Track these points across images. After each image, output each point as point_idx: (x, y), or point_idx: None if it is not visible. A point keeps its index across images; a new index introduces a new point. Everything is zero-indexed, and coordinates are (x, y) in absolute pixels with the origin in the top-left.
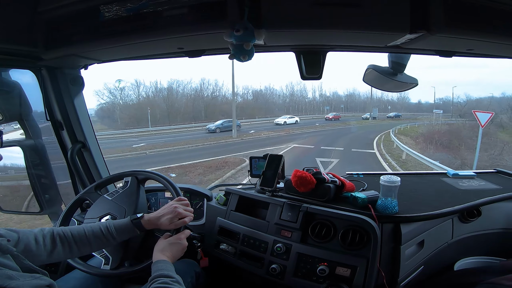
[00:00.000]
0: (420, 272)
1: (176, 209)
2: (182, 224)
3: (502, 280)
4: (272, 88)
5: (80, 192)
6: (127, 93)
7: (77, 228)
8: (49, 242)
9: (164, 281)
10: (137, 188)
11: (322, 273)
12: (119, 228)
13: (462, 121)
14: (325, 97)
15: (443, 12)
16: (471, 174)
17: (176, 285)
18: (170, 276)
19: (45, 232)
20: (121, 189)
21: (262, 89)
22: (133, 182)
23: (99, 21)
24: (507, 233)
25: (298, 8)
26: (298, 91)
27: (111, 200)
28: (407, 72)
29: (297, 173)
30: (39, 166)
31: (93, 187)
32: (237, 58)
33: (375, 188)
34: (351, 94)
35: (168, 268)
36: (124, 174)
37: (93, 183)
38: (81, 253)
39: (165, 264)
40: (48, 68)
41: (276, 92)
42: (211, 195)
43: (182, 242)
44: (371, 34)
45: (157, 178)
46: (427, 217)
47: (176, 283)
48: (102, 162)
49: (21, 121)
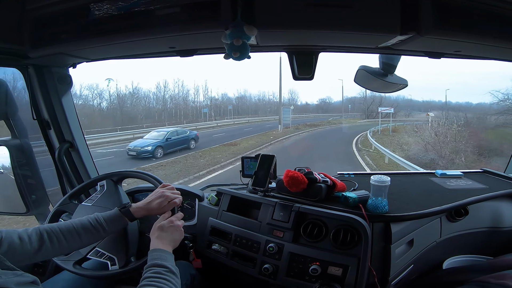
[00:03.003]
0: (410, 271)
1: (164, 193)
2: (173, 205)
3: (490, 278)
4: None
5: (55, 205)
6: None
7: (65, 223)
8: (35, 239)
9: (157, 271)
10: (115, 188)
11: (314, 272)
12: (108, 218)
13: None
14: (211, 99)
15: (433, 14)
16: (459, 173)
17: (169, 275)
18: (163, 265)
19: (29, 230)
20: (98, 193)
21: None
22: (110, 184)
23: (88, 19)
24: (493, 231)
25: (291, 9)
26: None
27: (92, 205)
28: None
29: (289, 173)
30: (25, 166)
31: (67, 198)
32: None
33: (365, 188)
34: (242, 96)
35: (163, 257)
36: (98, 179)
37: (65, 195)
38: (71, 249)
39: (160, 253)
40: (35, 66)
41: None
42: (202, 195)
43: (176, 224)
44: (363, 35)
45: (133, 174)
46: (416, 216)
47: (169, 273)
48: (90, 162)
49: (7, 120)
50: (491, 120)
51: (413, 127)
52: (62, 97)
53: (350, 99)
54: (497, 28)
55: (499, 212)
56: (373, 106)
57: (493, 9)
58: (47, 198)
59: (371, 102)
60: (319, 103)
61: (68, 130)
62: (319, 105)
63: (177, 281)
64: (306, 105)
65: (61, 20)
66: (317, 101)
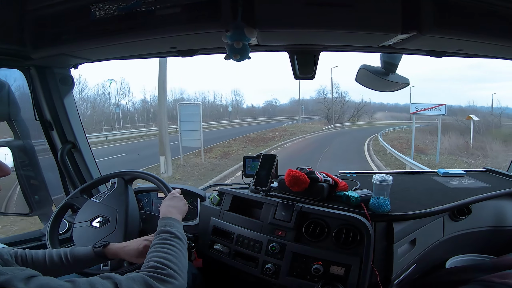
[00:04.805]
0: (412, 270)
1: (145, 241)
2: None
3: (493, 278)
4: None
5: (66, 198)
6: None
7: (39, 252)
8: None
9: (163, 237)
10: (125, 188)
11: (317, 272)
12: (78, 257)
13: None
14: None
15: (434, 13)
16: (461, 172)
17: (175, 240)
18: (170, 232)
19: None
20: (108, 191)
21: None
22: (120, 183)
23: (90, 20)
24: (496, 231)
25: (291, 8)
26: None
27: (100, 202)
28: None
29: (291, 172)
30: (28, 167)
31: (78, 191)
32: (231, 58)
33: (367, 187)
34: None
35: (170, 224)
36: (110, 176)
37: (77, 188)
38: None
39: (168, 220)
40: (37, 67)
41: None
42: (204, 195)
43: (177, 195)
44: (364, 34)
45: (144, 176)
46: (419, 215)
47: (175, 238)
48: (93, 163)
49: (10, 121)
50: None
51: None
52: (64, 97)
53: (303, 101)
54: (499, 27)
55: (502, 211)
56: (335, 106)
57: (495, 8)
58: (50, 198)
59: (333, 102)
60: (266, 106)
61: (71, 130)
62: (266, 107)
63: (182, 246)
64: (252, 108)
65: (62, 20)
66: (263, 103)
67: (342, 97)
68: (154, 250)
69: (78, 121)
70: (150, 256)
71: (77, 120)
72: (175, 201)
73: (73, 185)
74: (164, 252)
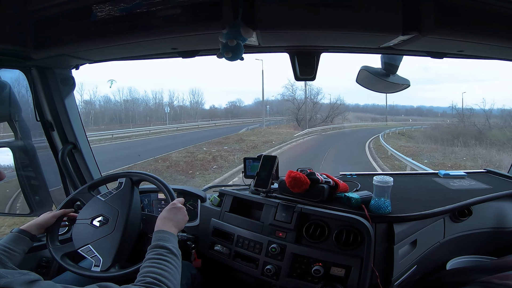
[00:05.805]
0: (413, 272)
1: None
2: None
3: (494, 279)
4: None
5: (73, 192)
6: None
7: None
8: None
9: (158, 252)
10: (131, 189)
11: (317, 273)
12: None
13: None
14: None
15: (434, 14)
16: (462, 174)
17: (170, 256)
18: (165, 247)
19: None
20: (114, 190)
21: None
22: (127, 184)
23: (91, 21)
24: (497, 232)
25: (292, 9)
26: None
27: (104, 201)
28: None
29: (291, 174)
30: (29, 168)
31: (86, 187)
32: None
33: (368, 188)
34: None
35: (165, 238)
36: (119, 175)
37: (86, 184)
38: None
39: (163, 234)
40: (38, 68)
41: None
42: (205, 196)
43: (178, 206)
44: (364, 35)
45: (152, 180)
46: (419, 216)
47: (170, 254)
48: (93, 163)
49: (10, 122)
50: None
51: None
52: (65, 98)
53: (268, 101)
54: (500, 28)
55: (503, 212)
56: (307, 105)
57: (496, 9)
58: (50, 199)
59: (303, 104)
60: (229, 107)
61: (71, 131)
62: (229, 108)
63: (177, 262)
64: (213, 109)
65: (63, 21)
66: (226, 105)
67: (314, 95)
68: (149, 265)
69: (78, 122)
70: (146, 271)
71: (78, 121)
72: (173, 213)
73: (74, 186)
74: (160, 268)
